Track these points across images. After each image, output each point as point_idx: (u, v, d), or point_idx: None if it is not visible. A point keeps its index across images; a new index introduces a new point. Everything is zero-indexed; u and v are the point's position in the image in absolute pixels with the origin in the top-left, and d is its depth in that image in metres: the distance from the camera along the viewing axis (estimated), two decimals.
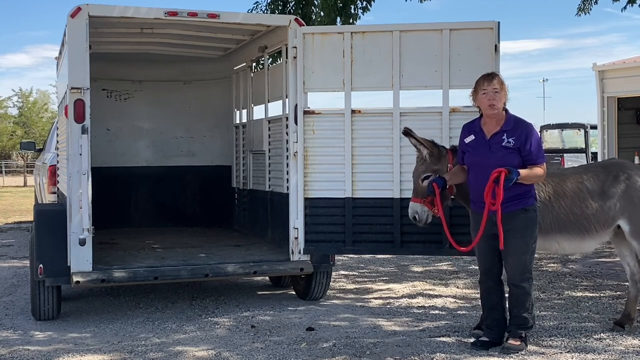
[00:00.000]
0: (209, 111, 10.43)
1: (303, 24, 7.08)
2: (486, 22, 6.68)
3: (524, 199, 5.53)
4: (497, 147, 5.52)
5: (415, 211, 5.86)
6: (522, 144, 5.48)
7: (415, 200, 5.89)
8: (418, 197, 5.86)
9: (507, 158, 5.46)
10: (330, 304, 7.46)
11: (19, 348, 5.91)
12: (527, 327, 5.63)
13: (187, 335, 6.27)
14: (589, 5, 12.49)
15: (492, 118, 5.57)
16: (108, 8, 6.76)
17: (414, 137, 5.92)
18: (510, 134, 5.51)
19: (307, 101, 6.95)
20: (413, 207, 5.88)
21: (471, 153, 5.65)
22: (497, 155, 5.48)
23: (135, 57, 9.80)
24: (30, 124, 47.38)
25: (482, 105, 5.57)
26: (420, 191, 5.84)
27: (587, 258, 10.17)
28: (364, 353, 5.62)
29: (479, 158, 5.57)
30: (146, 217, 10.30)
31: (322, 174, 6.89)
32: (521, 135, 5.49)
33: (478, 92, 5.58)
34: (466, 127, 5.76)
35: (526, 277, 5.58)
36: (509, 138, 5.50)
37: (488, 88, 5.52)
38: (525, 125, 5.56)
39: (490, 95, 5.50)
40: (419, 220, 5.85)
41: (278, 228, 7.92)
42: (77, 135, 6.50)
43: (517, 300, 5.60)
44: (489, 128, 5.60)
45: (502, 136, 5.52)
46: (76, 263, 6.50)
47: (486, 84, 5.54)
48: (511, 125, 5.54)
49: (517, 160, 5.47)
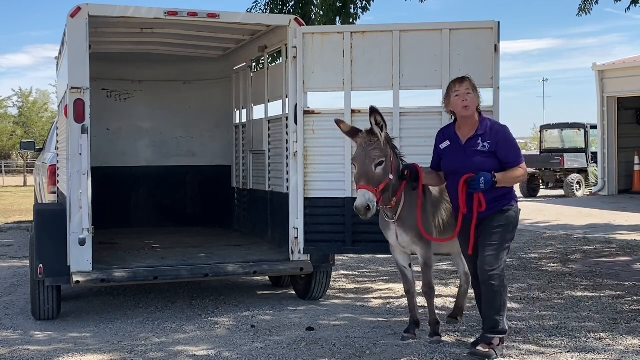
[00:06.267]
0: (209, 111, 10.43)
1: (303, 24, 7.09)
2: (486, 22, 6.69)
3: (503, 200, 5.42)
4: (472, 152, 5.41)
5: (368, 199, 5.28)
6: (498, 147, 5.37)
7: (366, 187, 5.32)
8: (370, 185, 5.33)
9: (483, 163, 5.36)
10: (330, 304, 7.46)
11: (19, 348, 5.91)
12: (497, 331, 5.37)
13: (187, 335, 6.27)
14: (589, 5, 12.47)
15: (466, 121, 5.47)
16: (108, 8, 6.76)
17: (380, 116, 5.46)
18: (485, 138, 5.40)
19: (307, 101, 6.95)
20: (366, 195, 5.29)
21: (447, 159, 5.55)
22: (473, 160, 5.38)
23: (135, 57, 9.81)
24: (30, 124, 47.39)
25: (456, 107, 5.47)
26: (374, 178, 5.36)
27: (587, 258, 10.17)
28: (364, 353, 5.62)
29: (455, 164, 5.46)
30: (146, 217, 10.30)
31: (322, 174, 6.89)
32: (496, 139, 5.39)
33: (450, 96, 5.49)
34: (441, 133, 5.66)
35: (494, 274, 5.32)
36: (484, 142, 5.39)
37: (460, 89, 5.42)
38: (499, 128, 5.48)
39: (463, 97, 5.40)
40: (370, 212, 5.29)
41: (278, 228, 7.92)
42: (77, 135, 6.50)
43: (486, 299, 5.41)
44: (464, 133, 5.50)
45: (477, 140, 5.42)
46: (76, 263, 6.50)
47: (458, 85, 5.45)
48: (485, 129, 5.44)
49: (493, 164, 5.37)
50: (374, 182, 5.35)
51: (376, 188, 5.34)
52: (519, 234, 12.77)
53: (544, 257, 10.28)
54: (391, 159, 5.52)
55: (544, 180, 22.39)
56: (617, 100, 20.96)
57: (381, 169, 5.39)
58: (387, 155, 5.47)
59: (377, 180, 5.36)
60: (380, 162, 5.40)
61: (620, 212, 16.16)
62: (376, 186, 5.34)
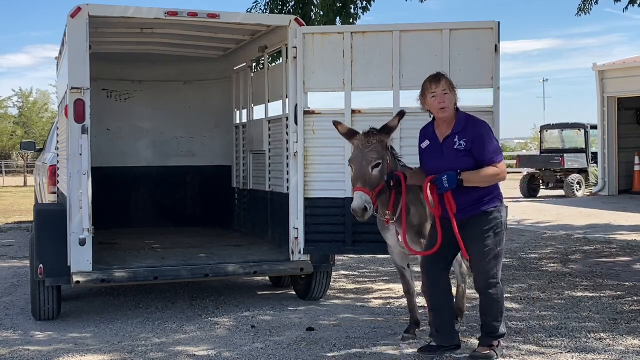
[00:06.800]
0: (209, 111, 10.44)
1: (303, 24, 7.09)
2: (486, 22, 6.69)
3: (484, 202, 5.22)
4: (448, 151, 5.23)
5: (365, 201, 5.14)
6: (472, 144, 5.17)
7: (362, 189, 5.18)
8: (366, 187, 5.19)
9: (459, 161, 5.17)
10: (330, 304, 7.46)
11: (19, 348, 5.91)
12: (496, 335, 5.33)
13: (187, 335, 6.27)
14: (589, 5, 12.48)
15: (444, 119, 5.31)
16: (108, 8, 6.77)
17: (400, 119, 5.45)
18: (462, 135, 5.21)
19: (307, 101, 6.95)
20: (362, 197, 5.15)
21: (427, 159, 5.40)
22: (450, 158, 5.20)
23: (135, 57, 9.81)
24: (30, 124, 47.41)
25: (433, 108, 5.30)
26: (371, 180, 5.22)
27: (587, 258, 10.17)
28: (364, 353, 5.62)
29: (433, 164, 5.29)
30: (146, 217, 10.30)
31: (322, 173, 6.89)
32: (472, 136, 5.19)
33: (426, 96, 5.32)
34: (422, 132, 5.50)
35: (491, 283, 5.23)
36: (460, 140, 5.20)
37: (437, 90, 5.23)
38: (476, 124, 5.26)
39: (439, 98, 5.22)
40: (367, 213, 5.16)
41: (278, 228, 7.92)
42: (77, 135, 6.50)
43: (485, 307, 5.33)
44: (442, 131, 5.31)
45: (454, 138, 5.22)
46: (76, 263, 6.51)
47: (434, 86, 5.25)
48: (462, 126, 5.24)
49: (470, 162, 5.16)
50: (370, 184, 5.23)
51: (372, 190, 5.22)
52: (519, 234, 12.83)
53: (544, 257, 10.28)
54: (388, 161, 5.39)
55: (544, 180, 22.39)
56: (617, 100, 20.96)
57: (378, 170, 5.26)
58: (384, 157, 5.33)
59: (373, 182, 5.24)
60: (377, 164, 5.26)
61: (620, 212, 16.15)
62: (372, 188, 5.22)
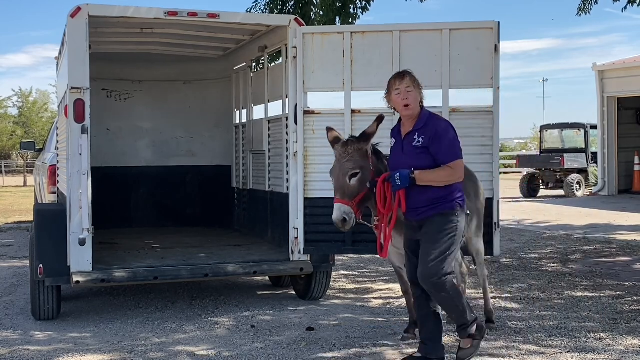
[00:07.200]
0: (209, 111, 10.44)
1: (303, 24, 7.09)
2: (486, 22, 6.69)
3: (441, 204, 5.06)
4: (408, 148, 5.14)
5: (344, 212, 5.07)
6: (431, 142, 5.05)
7: (341, 201, 5.11)
8: (345, 198, 5.12)
9: (418, 158, 5.07)
10: (330, 304, 7.47)
11: (19, 348, 5.91)
12: (468, 325, 5.14)
13: (187, 335, 6.27)
14: (589, 5, 12.48)
15: (408, 117, 5.22)
16: (108, 8, 6.77)
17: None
18: (422, 132, 5.10)
19: (307, 101, 6.95)
20: (341, 208, 5.09)
21: (391, 157, 5.30)
22: (409, 156, 5.11)
23: (135, 57, 9.81)
24: (30, 124, 47.37)
25: (397, 105, 5.22)
26: (349, 191, 5.14)
27: (587, 258, 10.17)
28: (364, 353, 5.62)
29: (396, 161, 5.20)
30: (146, 217, 10.31)
31: (322, 174, 6.85)
32: (430, 134, 5.07)
33: (391, 93, 5.24)
34: (391, 131, 5.43)
35: (439, 282, 5.00)
36: (419, 137, 5.09)
37: (401, 87, 5.14)
38: (436, 122, 5.15)
39: (403, 95, 5.12)
40: (347, 224, 5.09)
41: (278, 228, 7.93)
42: (77, 135, 6.50)
43: (445, 307, 5.19)
44: (405, 129, 5.23)
45: (414, 136, 5.12)
46: (76, 263, 6.51)
47: (398, 82, 5.17)
48: (423, 123, 5.14)
49: (428, 160, 5.06)
50: (350, 195, 5.13)
51: (352, 200, 5.11)
52: (519, 234, 12.83)
53: (544, 257, 10.28)
54: (372, 167, 5.26)
55: (544, 180, 22.39)
56: (617, 100, 20.96)
57: (356, 180, 5.15)
58: (364, 165, 5.20)
59: (352, 192, 5.13)
60: (354, 173, 5.15)
61: (620, 212, 16.15)
62: (352, 198, 5.12)
